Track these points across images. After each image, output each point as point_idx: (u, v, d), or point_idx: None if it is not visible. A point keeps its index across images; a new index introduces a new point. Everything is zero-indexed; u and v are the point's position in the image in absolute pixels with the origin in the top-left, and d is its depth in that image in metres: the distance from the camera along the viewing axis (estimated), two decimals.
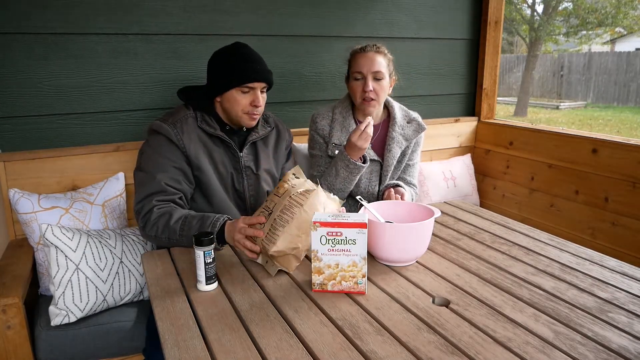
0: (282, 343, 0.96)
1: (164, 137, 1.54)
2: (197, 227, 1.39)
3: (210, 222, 1.38)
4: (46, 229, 1.53)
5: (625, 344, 0.95)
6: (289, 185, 1.32)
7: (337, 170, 1.74)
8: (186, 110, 1.61)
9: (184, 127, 1.56)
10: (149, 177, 1.50)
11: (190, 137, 1.57)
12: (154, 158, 1.53)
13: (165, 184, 1.49)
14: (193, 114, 1.61)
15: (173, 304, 1.12)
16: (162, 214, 1.45)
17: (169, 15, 2.02)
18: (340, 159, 1.72)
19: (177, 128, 1.55)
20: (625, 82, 12.38)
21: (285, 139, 1.83)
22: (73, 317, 1.55)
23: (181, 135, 1.55)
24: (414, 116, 1.95)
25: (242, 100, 1.57)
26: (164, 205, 1.48)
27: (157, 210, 1.46)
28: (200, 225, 1.39)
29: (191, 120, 1.59)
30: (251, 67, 1.56)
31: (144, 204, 1.48)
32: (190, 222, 1.41)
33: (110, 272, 1.62)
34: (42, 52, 1.85)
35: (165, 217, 1.44)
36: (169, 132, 1.54)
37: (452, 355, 0.91)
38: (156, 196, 1.48)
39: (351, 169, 1.71)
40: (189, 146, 1.55)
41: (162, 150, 1.54)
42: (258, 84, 1.56)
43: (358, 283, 1.14)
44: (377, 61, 1.75)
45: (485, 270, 1.27)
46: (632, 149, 2.06)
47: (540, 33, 12.52)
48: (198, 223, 1.40)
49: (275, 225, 1.24)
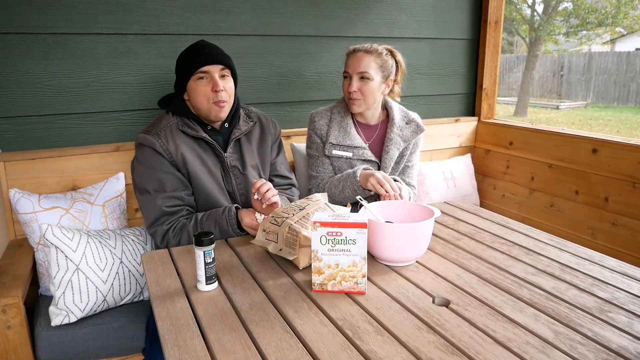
0: (282, 343, 0.96)
1: (150, 149, 1.55)
2: (218, 230, 1.51)
3: (227, 222, 1.50)
4: (46, 229, 1.53)
5: (625, 344, 0.95)
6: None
7: (343, 187, 1.76)
8: (168, 117, 1.62)
9: (168, 135, 1.57)
10: (150, 201, 1.55)
11: (177, 144, 1.57)
12: (148, 174, 1.56)
13: (166, 208, 1.54)
14: (175, 119, 1.61)
15: (173, 304, 1.12)
16: (176, 232, 1.54)
17: (169, 15, 2.02)
18: (350, 182, 1.73)
19: (161, 138, 1.56)
20: (625, 82, 12.38)
21: (271, 133, 1.79)
22: (73, 317, 1.55)
23: (167, 145, 1.56)
24: (413, 117, 1.95)
25: (202, 88, 1.56)
26: (175, 223, 1.55)
27: (171, 233, 1.54)
28: (219, 227, 1.51)
29: (175, 126, 1.60)
30: (201, 53, 1.56)
31: (155, 229, 1.55)
32: (210, 229, 1.52)
33: (111, 273, 1.62)
34: (42, 52, 1.86)
35: (184, 234, 1.53)
36: (153, 143, 1.55)
37: (452, 355, 0.91)
38: (164, 220, 1.55)
39: (358, 194, 1.72)
40: (176, 155, 1.56)
41: (152, 164, 1.55)
42: (211, 67, 1.55)
43: (358, 283, 1.14)
44: (364, 62, 1.77)
45: (485, 270, 1.27)
46: (632, 149, 2.06)
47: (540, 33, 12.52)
48: (216, 226, 1.51)
49: (308, 217, 1.31)
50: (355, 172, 1.72)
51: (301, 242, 1.26)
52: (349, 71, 1.81)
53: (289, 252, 1.28)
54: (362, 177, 1.70)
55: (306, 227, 1.28)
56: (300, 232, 1.26)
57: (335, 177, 1.82)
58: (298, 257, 1.27)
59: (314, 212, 1.32)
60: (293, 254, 1.27)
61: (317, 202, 1.41)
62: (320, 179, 1.88)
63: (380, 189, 1.62)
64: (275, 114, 2.32)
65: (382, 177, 1.63)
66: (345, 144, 1.85)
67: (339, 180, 1.78)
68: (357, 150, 1.85)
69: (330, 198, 1.79)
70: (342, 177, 1.78)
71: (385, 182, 1.62)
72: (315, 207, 1.38)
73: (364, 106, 1.83)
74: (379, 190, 1.63)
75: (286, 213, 1.34)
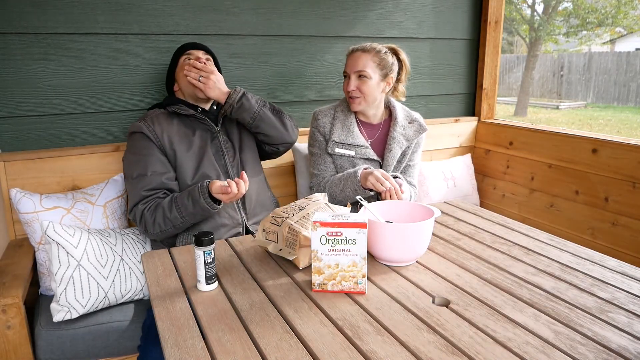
0: (282, 343, 0.96)
1: (139, 134, 1.67)
2: (191, 202, 1.55)
3: (198, 191, 1.53)
4: (47, 226, 1.54)
5: (625, 344, 0.95)
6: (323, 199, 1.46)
7: (344, 186, 1.76)
8: (156, 110, 1.78)
9: (155, 120, 1.70)
10: (133, 186, 1.64)
11: (163, 127, 1.68)
12: (134, 160, 1.66)
13: (145, 192, 1.61)
14: (163, 110, 1.77)
15: (173, 304, 1.12)
16: (152, 211, 1.60)
17: (168, 15, 2.02)
18: (351, 181, 1.73)
19: (147, 122, 1.69)
20: (625, 82, 12.38)
21: None
22: (75, 313, 1.55)
23: (153, 127, 1.67)
24: (415, 117, 1.95)
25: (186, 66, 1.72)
26: (150, 202, 1.61)
27: (147, 212, 1.59)
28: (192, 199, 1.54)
29: (161, 114, 1.74)
30: (187, 44, 1.83)
31: (134, 212, 1.63)
32: (183, 202, 1.56)
33: (112, 269, 1.62)
34: (42, 52, 1.86)
35: (158, 211, 1.58)
36: (141, 127, 1.67)
37: (452, 355, 0.91)
38: (141, 203, 1.61)
39: (359, 193, 1.73)
40: (162, 136, 1.67)
41: (138, 148, 1.66)
42: (194, 50, 1.80)
43: (358, 283, 1.14)
44: (361, 61, 1.79)
45: (485, 270, 1.27)
46: (632, 149, 2.06)
47: (540, 33, 12.52)
48: (189, 199, 1.55)
49: (308, 217, 1.31)
50: (356, 172, 1.73)
51: (301, 242, 1.26)
52: (347, 70, 1.84)
53: (289, 252, 1.28)
54: (362, 177, 1.70)
55: (306, 227, 1.28)
56: (300, 232, 1.26)
57: (336, 176, 1.82)
58: (298, 257, 1.27)
59: (314, 212, 1.32)
60: (293, 254, 1.27)
61: (317, 202, 1.41)
62: (322, 177, 1.88)
63: (380, 186, 1.62)
64: None
65: (381, 175, 1.64)
66: (348, 142, 1.85)
67: (340, 180, 1.78)
68: (360, 149, 1.86)
69: (331, 197, 1.80)
70: (343, 176, 1.78)
71: (384, 179, 1.63)
72: (315, 207, 1.38)
73: (364, 104, 1.84)
74: (378, 188, 1.63)
75: (286, 213, 1.34)
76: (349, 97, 1.84)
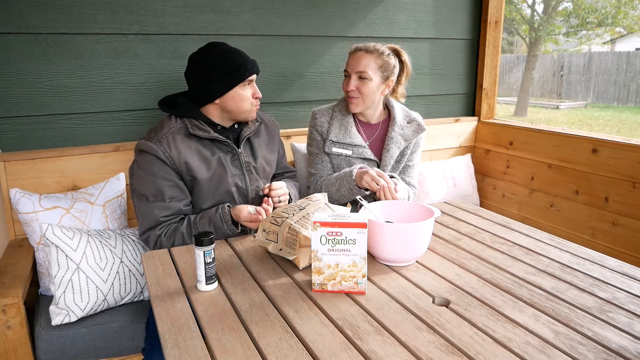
0: (282, 343, 0.96)
1: (152, 156, 1.54)
2: (212, 228, 1.53)
3: (221, 219, 1.53)
4: (47, 229, 1.53)
5: (625, 344, 0.95)
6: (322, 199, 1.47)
7: (340, 186, 1.77)
8: (170, 123, 1.61)
9: (171, 142, 1.56)
10: (147, 209, 1.55)
11: (180, 150, 1.56)
12: (148, 181, 1.55)
13: (162, 217, 1.56)
14: (180, 123, 1.61)
15: (173, 304, 1.12)
16: (169, 236, 1.55)
17: (169, 15, 2.02)
18: (346, 180, 1.74)
19: (163, 145, 1.55)
20: (625, 82, 12.37)
21: (276, 132, 1.88)
22: (74, 317, 1.55)
23: (169, 152, 1.55)
24: (414, 117, 1.95)
25: (246, 94, 1.63)
26: (166, 227, 1.57)
27: (164, 237, 1.56)
28: (214, 225, 1.53)
29: (178, 132, 1.59)
30: (246, 61, 1.62)
31: (148, 234, 1.56)
32: (204, 228, 1.54)
33: (111, 272, 1.62)
34: (42, 52, 1.86)
35: (177, 236, 1.55)
36: (156, 150, 1.54)
37: (452, 355, 0.91)
38: (157, 227, 1.56)
39: (354, 192, 1.73)
40: (179, 161, 1.56)
41: (153, 171, 1.55)
42: (255, 76, 1.67)
43: (358, 283, 1.14)
44: (363, 61, 1.78)
45: (485, 270, 1.27)
46: (632, 149, 2.06)
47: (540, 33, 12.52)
48: (210, 225, 1.54)
49: (308, 217, 1.31)
50: (351, 171, 1.73)
51: (301, 242, 1.26)
52: (348, 70, 1.82)
53: (289, 252, 1.28)
54: (358, 176, 1.70)
55: (306, 227, 1.28)
56: (300, 232, 1.26)
57: (332, 176, 1.82)
58: (298, 257, 1.27)
59: (314, 212, 1.32)
60: (293, 254, 1.27)
61: (317, 202, 1.41)
62: (319, 176, 1.89)
63: (375, 185, 1.62)
64: (275, 114, 2.32)
65: (375, 174, 1.63)
66: (345, 141, 1.85)
67: (336, 179, 1.78)
68: (357, 149, 1.85)
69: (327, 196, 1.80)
70: (339, 175, 1.78)
71: (379, 178, 1.62)
72: (315, 207, 1.38)
73: (362, 105, 1.84)
74: (373, 186, 1.62)
75: (286, 213, 1.34)
76: (348, 97, 1.84)
